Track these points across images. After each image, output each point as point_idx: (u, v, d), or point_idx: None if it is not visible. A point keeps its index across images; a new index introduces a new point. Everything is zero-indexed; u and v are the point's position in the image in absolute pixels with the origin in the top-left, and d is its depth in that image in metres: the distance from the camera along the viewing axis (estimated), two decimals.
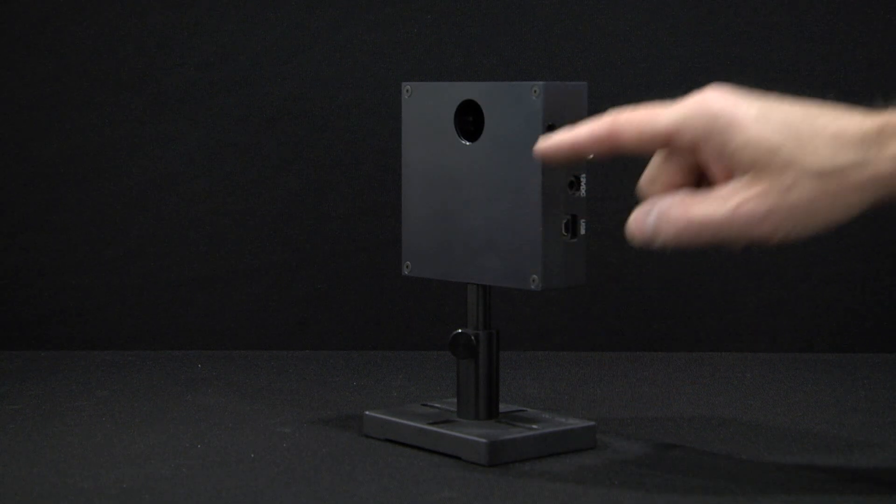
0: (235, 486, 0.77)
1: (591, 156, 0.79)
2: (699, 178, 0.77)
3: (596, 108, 1.18)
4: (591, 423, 0.87)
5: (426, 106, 0.87)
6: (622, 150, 0.76)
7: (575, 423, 0.86)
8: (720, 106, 0.73)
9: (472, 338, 0.86)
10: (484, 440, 0.82)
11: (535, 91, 0.81)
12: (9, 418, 0.94)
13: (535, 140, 0.81)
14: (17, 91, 1.19)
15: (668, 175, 0.77)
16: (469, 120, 0.86)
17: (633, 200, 1.19)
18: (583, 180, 0.83)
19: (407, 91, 0.88)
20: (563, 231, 0.82)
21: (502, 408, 0.88)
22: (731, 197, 0.73)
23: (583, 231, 0.83)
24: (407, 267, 0.89)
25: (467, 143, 0.85)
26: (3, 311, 1.20)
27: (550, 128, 0.81)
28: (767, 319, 1.19)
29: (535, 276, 0.82)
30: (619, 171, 1.18)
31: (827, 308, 1.19)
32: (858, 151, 0.72)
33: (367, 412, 0.89)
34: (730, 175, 0.74)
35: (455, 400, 0.88)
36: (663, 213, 0.75)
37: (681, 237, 0.75)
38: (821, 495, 0.76)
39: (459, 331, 0.86)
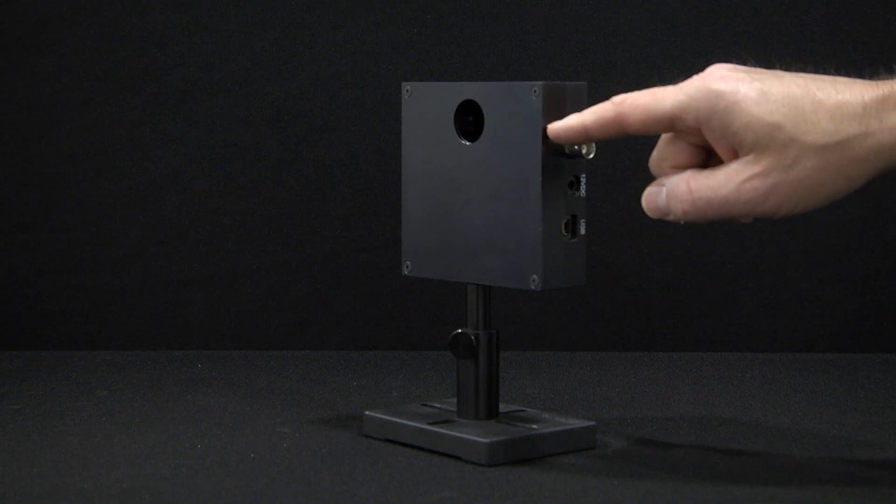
0: (235, 486, 0.77)
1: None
2: (707, 155, 0.78)
3: None
4: (591, 423, 0.87)
5: (426, 106, 0.87)
6: (628, 132, 0.78)
7: (575, 423, 0.86)
8: (721, 87, 0.75)
9: (472, 338, 0.86)
10: (484, 440, 0.82)
11: (534, 91, 0.81)
12: (9, 418, 0.94)
13: (535, 140, 0.81)
14: (17, 91, 1.19)
15: (675, 154, 0.78)
16: (469, 120, 0.86)
17: (632, 201, 1.19)
18: (583, 180, 0.83)
19: (407, 91, 0.88)
20: (563, 231, 0.82)
21: (502, 408, 0.88)
22: (735, 175, 0.74)
23: (583, 231, 0.83)
24: (407, 267, 0.89)
25: (467, 143, 0.85)
26: (3, 311, 1.20)
27: None
28: (767, 319, 1.19)
29: (535, 276, 0.82)
30: (619, 171, 1.19)
31: (827, 308, 1.19)
32: (860, 124, 0.73)
33: (367, 412, 0.89)
34: (735, 153, 0.75)
35: (455, 400, 0.88)
36: (671, 191, 0.77)
37: (688, 214, 0.76)
38: (821, 495, 0.76)
39: (459, 331, 0.86)
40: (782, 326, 1.19)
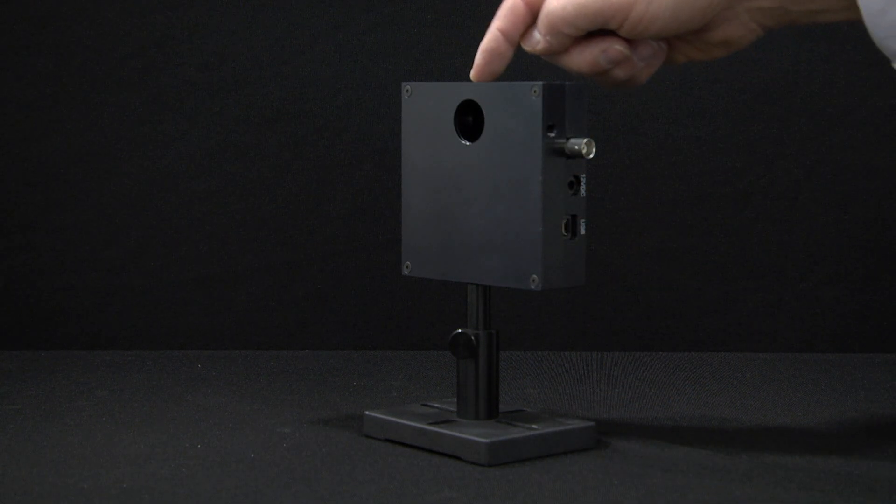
0: (235, 486, 0.77)
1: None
2: None
3: (596, 107, 1.18)
4: (591, 423, 0.87)
5: (426, 106, 0.87)
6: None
7: (575, 423, 0.86)
8: None
9: (472, 338, 0.86)
10: (484, 440, 0.82)
11: (534, 91, 0.82)
12: (9, 418, 0.94)
13: (535, 140, 0.81)
14: (17, 91, 1.20)
15: None
16: (469, 120, 0.86)
17: (632, 201, 1.20)
18: (583, 180, 0.83)
19: (407, 91, 0.88)
20: (563, 231, 0.82)
21: (502, 408, 0.88)
22: None
23: (583, 231, 0.83)
24: (407, 267, 0.89)
25: (467, 143, 0.85)
26: (3, 311, 1.20)
27: (550, 128, 0.82)
28: (767, 319, 1.19)
29: (535, 276, 0.82)
30: (619, 171, 1.19)
31: (827, 308, 1.19)
32: None
33: (367, 412, 0.89)
34: None
35: (455, 400, 0.88)
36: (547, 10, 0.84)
37: (559, 24, 0.84)
38: (821, 495, 0.76)
39: (459, 331, 0.86)
40: (782, 326, 1.19)
